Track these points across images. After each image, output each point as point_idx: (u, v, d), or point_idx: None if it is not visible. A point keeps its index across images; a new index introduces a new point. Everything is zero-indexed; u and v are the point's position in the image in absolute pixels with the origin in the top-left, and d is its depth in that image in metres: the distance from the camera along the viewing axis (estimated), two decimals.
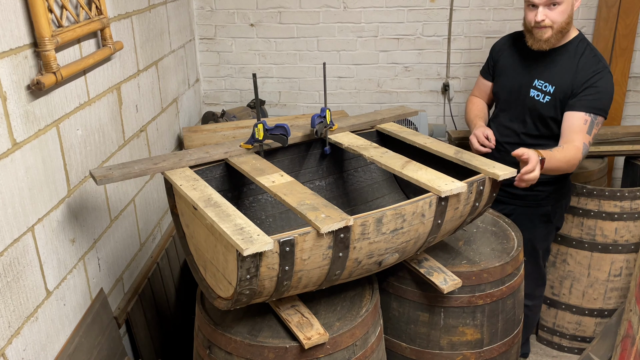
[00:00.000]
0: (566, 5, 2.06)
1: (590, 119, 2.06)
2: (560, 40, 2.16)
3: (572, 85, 2.13)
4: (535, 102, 2.22)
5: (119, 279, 2.16)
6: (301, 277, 1.50)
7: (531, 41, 2.17)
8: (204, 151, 1.87)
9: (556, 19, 2.07)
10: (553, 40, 2.12)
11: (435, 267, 1.90)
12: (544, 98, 2.19)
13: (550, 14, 2.06)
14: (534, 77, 2.23)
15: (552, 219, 2.39)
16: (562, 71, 2.16)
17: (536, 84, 2.22)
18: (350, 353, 1.65)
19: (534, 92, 2.22)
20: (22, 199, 1.53)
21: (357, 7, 3.33)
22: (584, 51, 2.16)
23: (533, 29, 2.13)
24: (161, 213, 2.65)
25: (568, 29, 2.14)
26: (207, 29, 3.42)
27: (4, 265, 1.45)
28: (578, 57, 2.14)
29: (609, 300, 2.77)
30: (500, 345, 2.03)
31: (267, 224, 2.05)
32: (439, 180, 1.69)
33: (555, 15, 2.06)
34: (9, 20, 1.46)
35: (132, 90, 2.29)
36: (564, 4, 2.05)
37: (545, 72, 2.20)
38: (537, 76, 2.22)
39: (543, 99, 2.20)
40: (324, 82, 2.05)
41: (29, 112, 1.56)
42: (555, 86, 2.17)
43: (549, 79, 2.19)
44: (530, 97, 2.23)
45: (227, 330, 1.65)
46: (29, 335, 1.56)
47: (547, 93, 2.19)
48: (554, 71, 2.19)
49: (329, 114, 2.02)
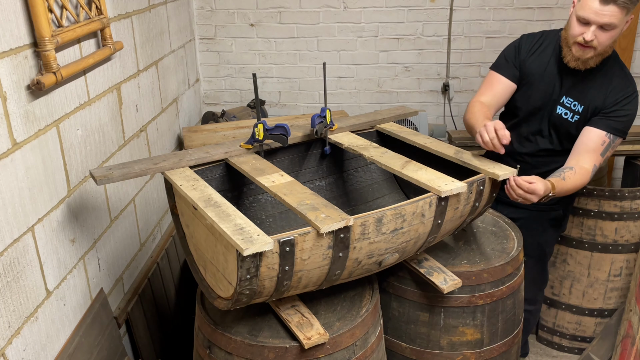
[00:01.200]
0: (619, 30, 1.90)
1: (609, 140, 1.98)
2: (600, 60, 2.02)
3: (602, 106, 2.03)
4: (563, 120, 2.10)
5: (119, 279, 2.16)
6: (301, 277, 1.50)
7: (569, 57, 2.01)
8: (204, 151, 1.87)
9: (604, 42, 1.91)
10: (592, 62, 1.99)
11: (435, 267, 1.90)
12: (572, 117, 2.08)
13: (601, 36, 1.90)
14: (563, 94, 2.10)
15: (562, 223, 2.38)
16: (593, 91, 2.05)
17: (564, 101, 2.09)
18: (350, 353, 1.65)
19: (561, 110, 2.09)
20: (22, 199, 1.53)
21: (357, 7, 3.33)
22: (617, 72, 2.06)
23: (575, 44, 1.97)
24: (161, 213, 2.65)
25: (609, 53, 2.01)
26: (207, 29, 3.42)
27: (4, 265, 1.45)
28: (610, 77, 2.04)
29: (609, 300, 2.77)
30: (500, 345, 2.03)
31: (267, 224, 2.05)
32: (439, 180, 1.69)
33: (604, 38, 1.90)
34: (9, 20, 1.46)
35: (132, 90, 2.29)
36: (617, 29, 1.89)
37: (575, 89, 2.08)
38: (565, 93, 2.09)
39: (572, 118, 2.08)
40: (324, 82, 2.05)
41: (29, 112, 1.56)
42: (584, 106, 2.06)
43: (579, 98, 2.07)
44: (557, 114, 2.11)
45: (227, 330, 1.65)
46: (29, 335, 1.56)
47: (575, 112, 2.08)
48: (584, 90, 2.06)
49: (329, 114, 2.02)
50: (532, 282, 2.29)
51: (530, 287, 2.30)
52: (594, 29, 1.88)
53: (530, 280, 2.29)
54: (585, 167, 1.98)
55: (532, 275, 2.30)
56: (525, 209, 2.32)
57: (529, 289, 2.29)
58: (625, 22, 1.90)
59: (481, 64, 3.42)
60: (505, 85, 2.18)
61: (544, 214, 2.33)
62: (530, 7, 3.28)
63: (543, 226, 2.35)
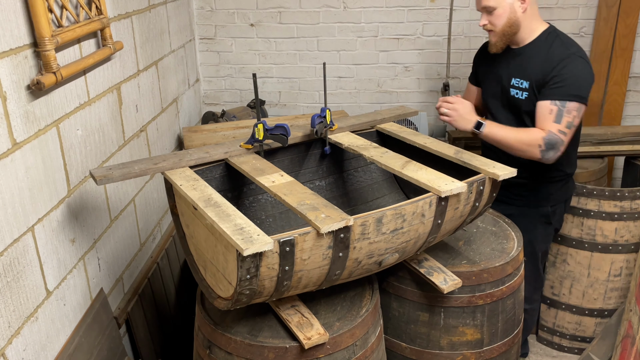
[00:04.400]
0: (502, 9, 2.11)
1: (557, 107, 2.04)
2: (526, 38, 2.19)
3: (542, 76, 2.13)
4: (516, 100, 2.23)
5: (119, 279, 2.16)
6: (301, 277, 1.50)
7: (489, 46, 2.27)
8: (204, 151, 1.87)
9: (496, 22, 2.14)
10: (502, 44, 2.20)
11: (435, 267, 1.90)
12: (522, 95, 2.21)
13: (491, 19, 2.15)
14: (511, 77, 2.25)
15: (551, 220, 2.38)
16: (532, 65, 2.17)
17: (513, 82, 2.23)
18: (350, 353, 1.65)
19: (513, 91, 2.23)
20: (22, 199, 1.53)
21: (357, 7, 3.33)
22: (553, 42, 2.16)
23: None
24: (161, 213, 2.65)
25: (516, 30, 2.16)
26: (207, 29, 3.42)
27: (4, 265, 1.45)
28: (547, 48, 2.15)
29: (609, 300, 2.77)
30: (500, 345, 2.03)
31: (267, 224, 2.05)
32: (439, 180, 1.69)
33: (494, 19, 2.14)
34: (9, 20, 1.46)
35: (132, 90, 2.29)
36: (499, 8, 2.11)
37: (519, 69, 2.22)
38: (513, 75, 2.24)
39: (522, 96, 2.21)
40: (324, 82, 2.05)
41: (29, 112, 1.56)
42: (529, 81, 2.18)
43: (523, 75, 2.20)
44: (512, 96, 2.25)
45: (227, 330, 1.65)
46: (29, 335, 1.56)
47: (523, 89, 2.20)
48: (526, 67, 2.20)
49: (329, 114, 2.02)
50: (525, 280, 2.29)
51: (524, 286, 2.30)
52: (483, 15, 2.17)
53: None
54: (533, 129, 2.08)
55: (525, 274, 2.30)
56: (514, 205, 2.35)
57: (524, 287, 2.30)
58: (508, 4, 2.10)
59: None
60: (472, 89, 2.52)
61: (533, 210, 2.34)
62: None
63: (533, 223, 2.35)
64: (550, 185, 2.32)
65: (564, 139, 2.03)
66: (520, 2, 2.11)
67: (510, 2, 2.11)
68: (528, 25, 2.17)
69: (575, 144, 2.30)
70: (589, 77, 2.09)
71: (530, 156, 2.07)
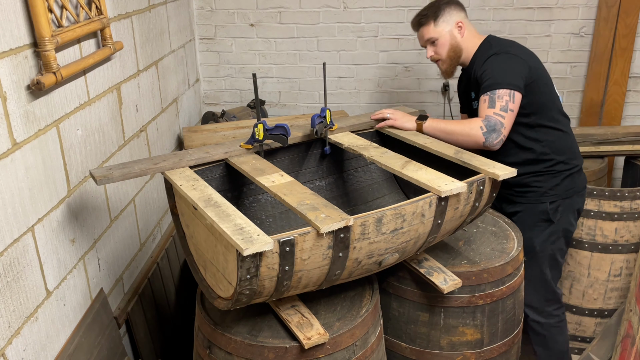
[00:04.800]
0: (443, 38, 2.28)
1: (487, 97, 2.11)
2: (469, 56, 2.31)
3: (476, 81, 2.24)
4: (474, 110, 2.34)
5: (119, 279, 2.16)
6: (301, 277, 1.50)
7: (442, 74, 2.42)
8: (204, 151, 1.87)
9: (441, 52, 2.30)
10: (451, 69, 2.34)
11: (435, 267, 1.90)
12: (475, 104, 2.31)
13: (435, 49, 2.31)
14: (470, 92, 2.39)
15: (552, 218, 2.34)
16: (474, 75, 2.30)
17: (472, 95, 2.37)
18: (350, 353, 1.65)
19: (474, 104, 2.35)
20: (22, 199, 1.53)
21: (357, 7, 3.33)
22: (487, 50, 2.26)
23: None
24: (161, 213, 2.65)
25: (460, 54, 2.30)
26: (207, 29, 3.42)
27: (4, 265, 1.45)
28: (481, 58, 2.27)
29: (609, 300, 2.77)
30: (500, 345, 2.03)
31: (267, 224, 2.05)
32: (439, 180, 1.69)
33: (438, 49, 2.30)
34: (9, 20, 1.46)
35: (132, 90, 2.29)
36: (440, 38, 2.28)
37: (470, 83, 2.36)
38: (470, 90, 2.38)
39: (475, 105, 2.31)
40: (324, 82, 2.05)
41: (29, 112, 1.56)
42: (474, 91, 2.32)
43: (473, 88, 2.33)
44: (474, 109, 2.35)
45: (227, 330, 1.65)
46: (29, 335, 1.56)
47: (475, 99, 2.32)
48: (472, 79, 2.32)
49: (329, 114, 2.02)
50: (528, 283, 2.27)
51: (528, 290, 2.27)
52: (428, 48, 2.34)
53: (527, 282, 2.27)
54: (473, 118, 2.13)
55: (528, 276, 2.28)
56: (518, 203, 2.35)
57: (527, 291, 2.27)
58: (446, 30, 2.27)
59: None
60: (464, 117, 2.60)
61: (533, 207, 2.32)
62: (530, 7, 3.28)
63: (533, 220, 2.33)
64: (546, 180, 2.29)
65: (503, 121, 2.06)
66: (458, 29, 2.28)
67: (448, 30, 2.28)
68: (468, 46, 2.30)
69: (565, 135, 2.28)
70: (514, 65, 2.16)
71: (475, 141, 2.08)
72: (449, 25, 2.28)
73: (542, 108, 2.22)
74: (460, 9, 2.31)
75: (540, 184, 2.30)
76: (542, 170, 2.27)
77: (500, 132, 2.05)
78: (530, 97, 2.17)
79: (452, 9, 2.29)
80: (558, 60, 3.37)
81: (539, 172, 2.28)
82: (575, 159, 2.32)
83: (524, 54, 2.22)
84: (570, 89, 3.42)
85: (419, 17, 2.34)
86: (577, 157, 2.33)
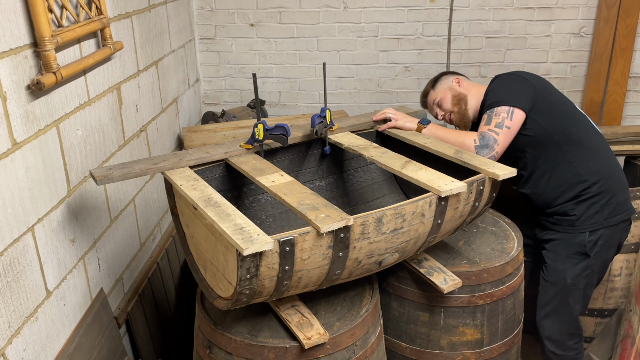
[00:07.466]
0: (444, 94, 2.35)
1: (487, 115, 2.14)
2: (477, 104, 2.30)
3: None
4: None
5: (119, 279, 2.16)
6: (301, 276, 1.50)
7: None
8: (204, 151, 1.87)
9: (446, 106, 2.35)
10: (464, 119, 2.33)
11: (435, 267, 1.90)
12: None
13: (442, 106, 2.36)
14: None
15: (588, 251, 2.13)
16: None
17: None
18: (350, 353, 1.65)
19: None
20: (22, 199, 1.53)
21: (357, 7, 3.33)
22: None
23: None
24: (161, 213, 2.65)
25: (465, 100, 2.31)
26: (207, 29, 3.42)
27: (4, 265, 1.45)
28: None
29: (609, 300, 2.77)
30: (500, 345, 2.03)
31: (267, 224, 2.05)
32: (439, 180, 1.69)
33: (443, 105, 2.35)
34: (9, 20, 1.46)
35: (132, 90, 2.29)
36: (442, 96, 2.36)
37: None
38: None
39: None
40: (324, 82, 2.05)
41: (29, 112, 1.56)
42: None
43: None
44: None
45: (227, 330, 1.65)
46: (29, 335, 1.56)
47: None
48: None
49: (329, 114, 2.02)
50: (553, 314, 2.19)
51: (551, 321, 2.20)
52: (437, 111, 2.41)
53: (551, 312, 2.20)
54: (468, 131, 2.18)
55: (553, 307, 2.19)
56: (555, 230, 2.20)
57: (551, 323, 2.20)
58: (445, 87, 2.37)
59: (481, 64, 3.42)
60: None
61: (569, 236, 2.16)
62: (530, 7, 3.28)
63: (568, 251, 2.17)
64: (579, 206, 2.13)
65: (497, 137, 2.05)
66: (456, 83, 2.35)
67: (447, 87, 2.36)
68: (473, 93, 2.31)
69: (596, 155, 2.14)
70: (514, 84, 2.17)
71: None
72: (448, 84, 2.38)
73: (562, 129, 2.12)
74: (457, 75, 2.41)
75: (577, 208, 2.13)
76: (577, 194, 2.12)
77: (493, 148, 2.04)
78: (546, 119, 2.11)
79: (449, 75, 2.42)
80: (558, 60, 3.37)
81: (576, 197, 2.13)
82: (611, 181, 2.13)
83: (528, 76, 2.21)
84: (570, 89, 3.42)
85: (422, 93, 2.49)
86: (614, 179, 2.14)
